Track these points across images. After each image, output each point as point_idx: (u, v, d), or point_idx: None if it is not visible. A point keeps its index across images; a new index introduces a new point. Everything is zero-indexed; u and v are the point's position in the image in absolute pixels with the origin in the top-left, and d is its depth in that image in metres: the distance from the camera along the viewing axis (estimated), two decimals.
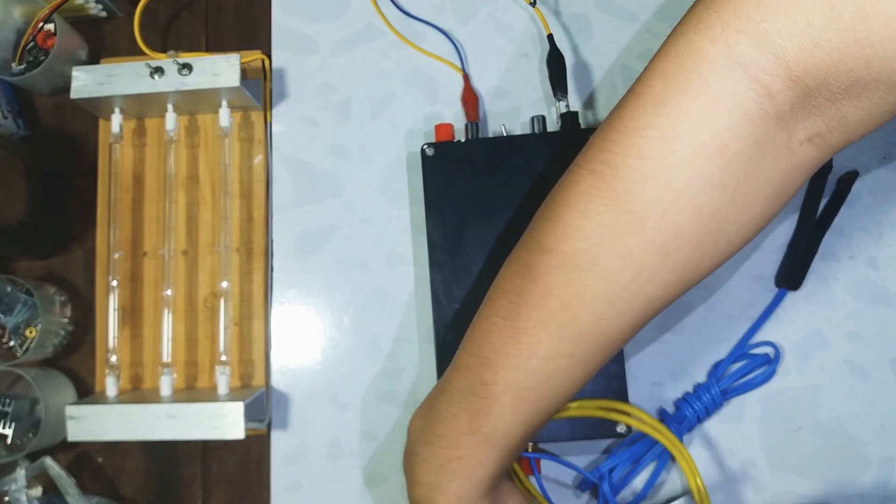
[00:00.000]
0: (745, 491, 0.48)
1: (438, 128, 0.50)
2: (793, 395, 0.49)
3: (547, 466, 0.48)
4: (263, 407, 0.50)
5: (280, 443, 0.51)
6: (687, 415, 0.47)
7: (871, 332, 0.49)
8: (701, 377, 0.49)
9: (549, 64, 0.51)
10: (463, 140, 0.49)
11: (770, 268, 0.50)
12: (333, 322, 0.52)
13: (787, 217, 0.50)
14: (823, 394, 0.49)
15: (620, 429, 0.45)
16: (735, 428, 0.49)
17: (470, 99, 0.52)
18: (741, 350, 0.49)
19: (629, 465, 0.48)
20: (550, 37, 0.51)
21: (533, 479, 0.47)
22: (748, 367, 0.49)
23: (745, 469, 0.49)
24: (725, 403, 0.49)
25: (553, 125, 0.50)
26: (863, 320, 0.49)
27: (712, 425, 0.49)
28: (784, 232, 0.50)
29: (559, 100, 0.50)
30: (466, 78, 0.53)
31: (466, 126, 0.50)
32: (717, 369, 0.49)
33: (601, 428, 0.45)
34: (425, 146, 0.48)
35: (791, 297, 0.49)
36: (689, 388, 0.49)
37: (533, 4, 0.53)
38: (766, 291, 0.50)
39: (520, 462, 0.47)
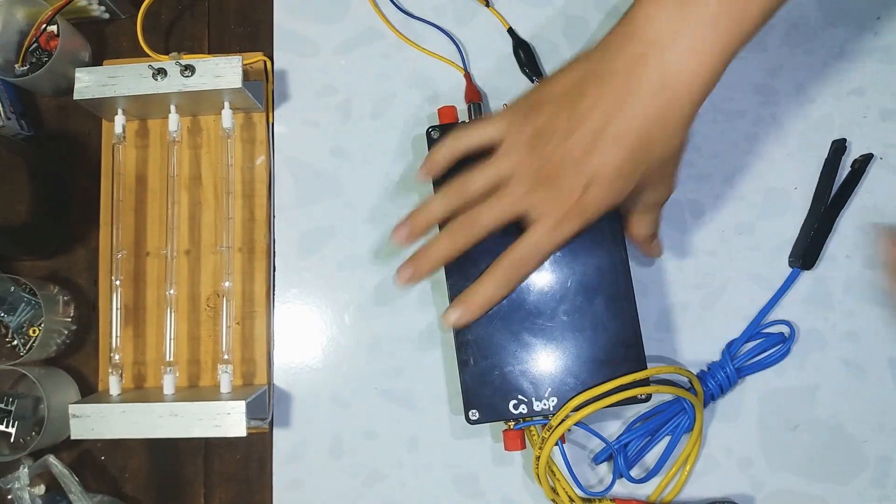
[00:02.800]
0: (742, 489, 0.49)
1: (441, 111, 0.51)
2: (790, 393, 0.49)
3: (570, 437, 0.49)
4: (265, 405, 0.51)
5: (282, 441, 0.51)
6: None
7: (869, 331, 0.49)
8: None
9: (516, 54, 0.53)
10: (466, 121, 0.50)
11: (766, 267, 0.50)
12: (335, 321, 0.52)
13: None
14: (821, 393, 0.49)
15: (641, 395, 0.45)
16: (733, 426, 0.49)
17: (474, 97, 0.52)
18: (755, 329, 0.49)
19: (644, 440, 0.48)
20: (511, 30, 0.54)
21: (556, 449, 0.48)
22: (762, 346, 0.49)
23: (743, 467, 0.49)
24: (739, 382, 0.49)
25: None
26: (860, 320, 0.50)
27: (710, 424, 0.49)
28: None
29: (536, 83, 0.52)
30: (468, 77, 0.53)
31: (469, 107, 0.51)
32: (730, 348, 0.49)
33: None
34: (430, 129, 0.49)
35: (787, 294, 0.50)
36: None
37: (487, 5, 0.54)
38: (764, 291, 0.50)
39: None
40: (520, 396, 0.45)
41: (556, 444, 0.45)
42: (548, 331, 0.46)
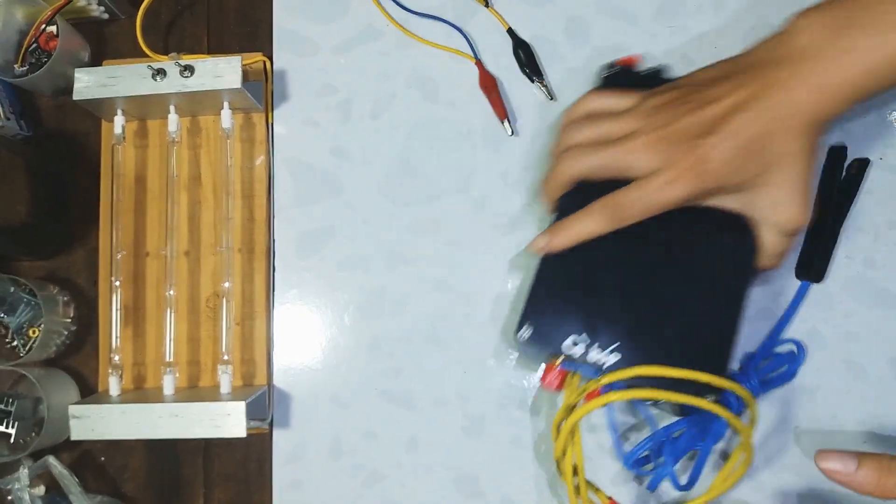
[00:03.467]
0: (743, 490, 0.49)
1: (624, 59, 0.49)
2: (790, 393, 0.49)
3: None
4: (265, 406, 0.51)
5: (281, 441, 0.51)
6: (731, 403, 0.44)
7: (869, 331, 0.49)
8: None
9: (516, 54, 0.53)
10: (643, 71, 0.49)
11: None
12: (334, 321, 0.52)
13: None
14: (821, 393, 0.49)
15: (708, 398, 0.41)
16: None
17: (489, 83, 0.52)
18: (771, 345, 0.48)
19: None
20: (510, 30, 0.53)
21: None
22: (773, 364, 0.48)
23: None
24: (762, 396, 0.47)
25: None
26: (860, 320, 0.50)
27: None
28: None
29: (540, 84, 0.52)
30: (480, 64, 0.53)
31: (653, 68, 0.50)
32: (751, 361, 0.48)
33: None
34: (605, 65, 0.49)
35: (787, 294, 0.50)
36: None
37: (486, 5, 0.54)
38: (764, 291, 0.50)
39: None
40: (582, 336, 0.42)
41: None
42: (645, 291, 0.42)
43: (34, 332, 0.52)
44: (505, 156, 0.53)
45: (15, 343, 0.53)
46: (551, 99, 0.53)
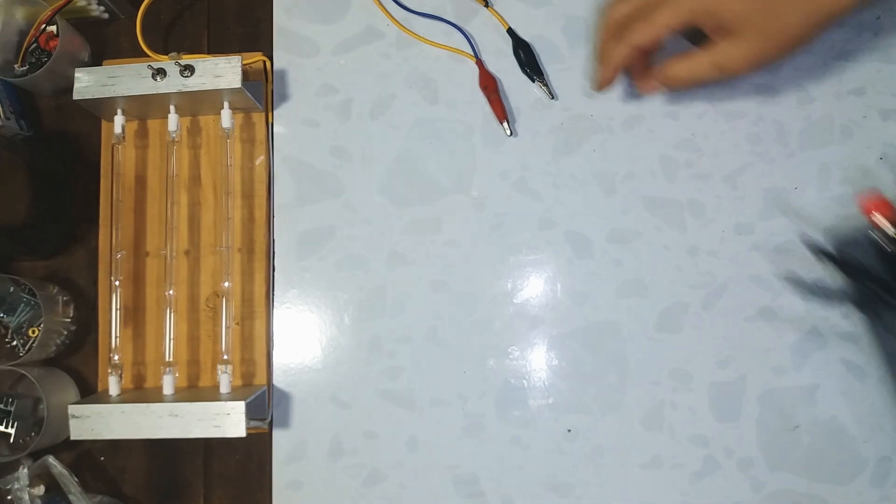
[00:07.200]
0: (743, 489, 0.49)
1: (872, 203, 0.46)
2: (790, 394, 0.49)
3: None
4: (265, 405, 0.51)
5: (281, 441, 0.51)
6: None
7: (869, 331, 0.49)
8: (699, 376, 0.50)
9: (516, 54, 0.53)
10: None
11: (766, 267, 0.50)
12: (334, 321, 0.52)
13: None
14: (821, 393, 0.49)
15: None
16: (733, 426, 0.49)
17: (489, 83, 0.52)
18: None
19: None
20: (510, 30, 0.53)
21: None
22: None
23: (743, 467, 0.49)
24: None
25: None
26: (860, 320, 0.50)
27: (709, 424, 0.49)
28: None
29: (540, 84, 0.52)
30: (481, 63, 0.53)
31: None
32: None
33: None
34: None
35: (787, 294, 0.50)
36: (685, 388, 0.50)
37: (486, 5, 0.54)
38: (764, 291, 0.50)
39: None
40: None
41: None
42: None
43: (34, 332, 0.52)
44: (505, 156, 0.53)
45: (15, 343, 0.53)
46: (552, 98, 0.53)
